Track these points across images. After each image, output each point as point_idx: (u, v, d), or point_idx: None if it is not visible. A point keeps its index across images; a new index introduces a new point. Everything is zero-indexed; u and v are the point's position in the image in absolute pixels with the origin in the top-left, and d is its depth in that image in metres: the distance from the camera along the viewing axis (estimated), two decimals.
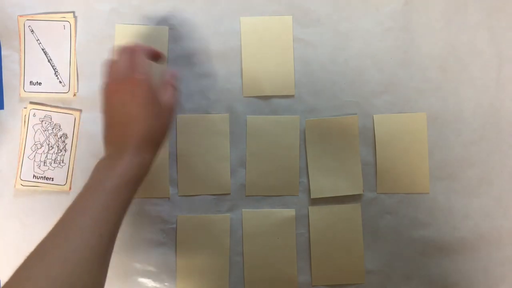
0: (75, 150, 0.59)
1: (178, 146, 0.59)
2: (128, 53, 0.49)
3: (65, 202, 0.59)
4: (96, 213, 0.43)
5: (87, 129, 0.59)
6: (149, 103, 0.47)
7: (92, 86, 0.59)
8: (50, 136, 0.59)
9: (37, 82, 0.59)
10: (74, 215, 0.43)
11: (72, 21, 0.59)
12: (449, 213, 0.59)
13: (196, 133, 0.59)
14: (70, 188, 0.59)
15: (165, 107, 0.49)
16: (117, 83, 0.47)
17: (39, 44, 0.59)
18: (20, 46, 0.59)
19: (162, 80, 0.52)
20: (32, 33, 0.59)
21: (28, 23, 0.59)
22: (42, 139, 0.59)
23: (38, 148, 0.59)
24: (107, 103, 0.48)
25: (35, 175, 0.59)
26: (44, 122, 0.59)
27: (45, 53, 0.59)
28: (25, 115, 0.59)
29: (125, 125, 0.46)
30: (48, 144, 0.59)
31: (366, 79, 0.60)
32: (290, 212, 0.59)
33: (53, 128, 0.59)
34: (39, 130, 0.59)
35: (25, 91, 0.59)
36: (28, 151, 0.59)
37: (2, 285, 0.58)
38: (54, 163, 0.59)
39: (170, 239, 0.59)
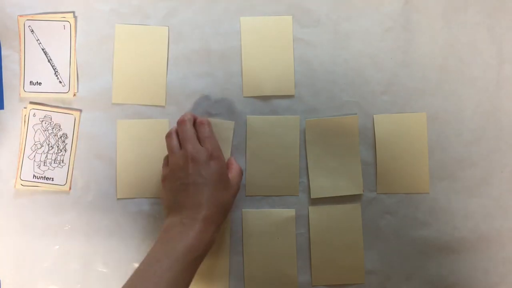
0: (75, 150, 0.59)
1: None
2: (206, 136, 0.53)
3: (65, 202, 0.59)
4: (167, 283, 0.45)
5: (87, 129, 0.59)
6: (223, 179, 0.52)
7: (92, 86, 0.59)
8: (50, 136, 0.59)
9: (37, 82, 0.59)
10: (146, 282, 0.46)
11: (72, 21, 0.59)
12: (449, 213, 0.59)
13: None
14: (70, 188, 0.59)
15: (232, 179, 0.53)
16: (196, 157, 0.51)
17: (39, 44, 0.59)
18: (20, 46, 0.59)
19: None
20: (32, 33, 0.59)
21: (28, 23, 0.59)
22: (42, 139, 0.59)
23: (38, 148, 0.59)
24: (185, 170, 0.51)
25: (35, 175, 0.59)
26: (44, 122, 0.59)
27: (45, 53, 0.59)
28: (25, 115, 0.59)
29: (201, 194, 0.49)
30: (48, 144, 0.59)
31: (366, 79, 0.60)
32: (290, 212, 0.59)
33: (53, 128, 0.59)
34: (39, 130, 0.59)
35: (25, 91, 0.59)
36: (28, 151, 0.59)
37: (2, 285, 0.59)
38: (54, 163, 0.59)
39: None
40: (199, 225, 0.48)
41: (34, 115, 0.59)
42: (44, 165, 0.59)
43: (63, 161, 0.59)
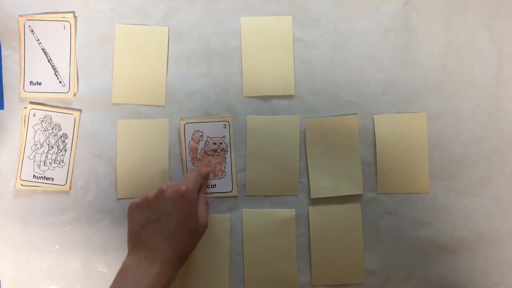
0: (75, 150, 0.59)
1: (181, 147, 0.59)
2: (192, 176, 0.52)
3: (65, 202, 0.59)
4: None
5: (87, 129, 0.59)
6: (190, 221, 0.49)
7: (92, 86, 0.59)
8: (50, 136, 0.59)
9: (37, 82, 0.59)
10: None
11: (72, 21, 0.59)
12: (449, 213, 0.59)
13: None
14: (70, 188, 0.59)
15: (200, 222, 0.51)
16: (166, 194, 0.49)
17: (39, 44, 0.59)
18: (20, 46, 0.59)
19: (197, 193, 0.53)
20: (32, 33, 0.59)
21: (28, 23, 0.59)
22: (42, 139, 0.59)
23: (38, 148, 0.59)
24: (153, 206, 0.49)
25: (35, 175, 0.59)
26: (44, 122, 0.59)
27: (45, 53, 0.59)
28: (25, 115, 0.59)
29: (163, 233, 0.47)
30: (48, 144, 0.59)
31: (366, 79, 0.60)
32: (290, 212, 0.59)
33: (53, 128, 0.59)
34: (39, 130, 0.59)
35: (25, 91, 0.59)
36: (28, 151, 0.59)
37: (2, 285, 0.59)
38: (54, 163, 0.59)
39: None
40: (155, 268, 0.46)
41: (34, 115, 0.59)
42: (44, 165, 0.59)
43: (63, 161, 0.59)
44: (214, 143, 0.59)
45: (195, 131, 0.59)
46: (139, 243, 0.48)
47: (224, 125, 0.59)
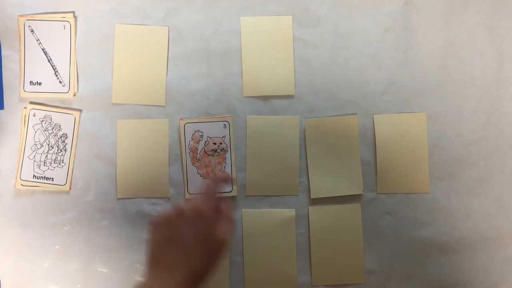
0: (75, 150, 0.59)
1: (181, 147, 0.59)
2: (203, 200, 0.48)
3: (65, 202, 0.59)
4: None
5: (87, 129, 0.59)
6: (207, 244, 0.46)
7: (92, 86, 0.59)
8: (50, 136, 0.59)
9: (37, 82, 0.59)
10: None
11: (72, 21, 0.59)
12: (449, 213, 0.59)
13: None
14: (70, 188, 0.59)
15: (218, 243, 0.47)
16: (185, 214, 0.47)
17: (39, 44, 0.59)
18: (20, 46, 0.59)
19: (218, 210, 0.49)
20: (32, 33, 0.59)
21: (28, 23, 0.59)
22: (42, 139, 0.59)
23: (38, 148, 0.59)
24: (172, 226, 0.46)
25: (35, 175, 0.59)
26: (44, 122, 0.59)
27: (45, 53, 0.59)
28: (25, 115, 0.59)
29: (178, 255, 0.45)
30: (48, 144, 0.59)
31: (366, 79, 0.60)
32: (290, 212, 0.59)
33: (53, 128, 0.59)
34: (39, 130, 0.59)
35: (25, 91, 0.59)
36: (28, 151, 0.59)
37: (2, 285, 0.59)
38: (54, 163, 0.59)
39: None
40: None
41: (34, 115, 0.59)
42: (44, 165, 0.59)
43: (63, 161, 0.59)
44: (214, 143, 0.59)
45: (195, 131, 0.59)
46: (153, 264, 0.46)
47: (224, 125, 0.59)
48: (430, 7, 0.60)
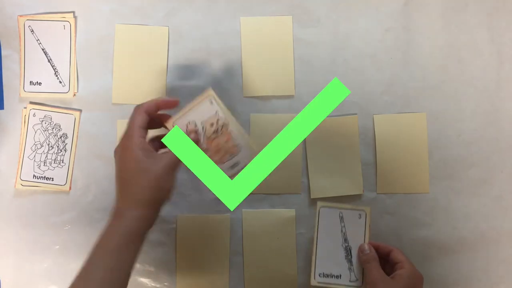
0: (75, 150, 0.59)
1: None
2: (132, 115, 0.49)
3: (65, 202, 0.59)
4: (100, 276, 0.45)
5: (87, 129, 0.59)
6: (142, 166, 0.47)
7: (92, 86, 0.59)
8: (50, 136, 0.59)
9: (37, 82, 0.59)
10: (81, 280, 0.46)
11: (72, 21, 0.59)
12: (449, 213, 0.59)
13: None
14: (70, 188, 0.59)
15: (163, 164, 0.47)
16: (119, 144, 0.49)
17: (39, 44, 0.59)
18: (20, 46, 0.59)
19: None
20: (32, 33, 0.59)
21: (28, 23, 0.59)
22: (42, 139, 0.59)
23: (38, 148, 0.59)
24: (115, 162, 0.49)
25: (35, 175, 0.59)
26: (44, 122, 0.59)
27: (45, 53, 0.59)
28: (25, 115, 0.59)
29: (126, 182, 0.48)
30: (48, 144, 0.59)
31: (366, 79, 0.60)
32: (290, 212, 0.59)
33: (53, 128, 0.59)
34: (39, 130, 0.59)
35: (25, 91, 0.59)
36: (28, 151, 0.59)
37: (2, 285, 0.59)
38: (54, 163, 0.59)
39: (170, 239, 0.59)
40: (109, 218, 0.47)
41: (34, 115, 0.59)
42: (44, 165, 0.59)
43: (63, 161, 0.59)
44: (211, 124, 0.53)
45: (187, 123, 0.53)
46: (117, 196, 0.49)
47: (210, 101, 0.53)
48: (430, 7, 0.60)
